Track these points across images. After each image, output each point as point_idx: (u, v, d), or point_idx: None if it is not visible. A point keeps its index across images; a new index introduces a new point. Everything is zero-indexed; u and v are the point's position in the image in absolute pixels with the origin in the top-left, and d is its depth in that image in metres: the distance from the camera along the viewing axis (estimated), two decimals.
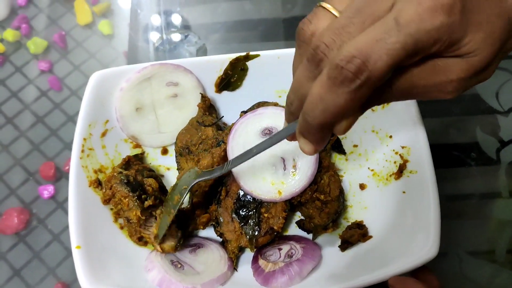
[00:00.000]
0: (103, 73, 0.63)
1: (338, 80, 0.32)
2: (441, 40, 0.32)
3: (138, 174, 0.62)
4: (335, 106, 0.33)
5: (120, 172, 0.61)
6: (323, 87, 0.33)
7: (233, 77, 0.67)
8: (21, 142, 0.79)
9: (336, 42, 0.33)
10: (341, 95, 0.32)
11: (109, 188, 0.60)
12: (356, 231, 0.58)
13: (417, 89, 0.35)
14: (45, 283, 0.68)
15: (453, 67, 0.34)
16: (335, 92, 0.32)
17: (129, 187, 0.59)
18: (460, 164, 0.72)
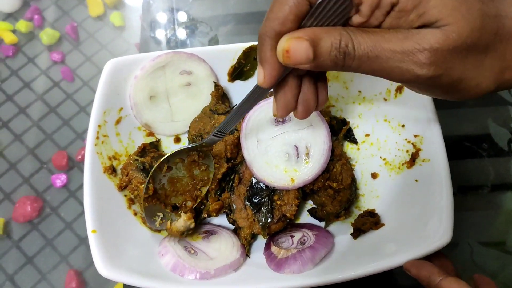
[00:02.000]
0: (118, 61, 0.64)
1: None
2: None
3: (153, 161, 0.62)
4: (276, 11, 0.35)
5: (136, 159, 0.62)
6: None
7: (246, 66, 0.68)
8: (33, 131, 0.79)
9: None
10: (282, 1, 0.35)
11: (125, 175, 0.61)
12: (368, 219, 0.58)
13: (384, 53, 0.34)
14: (58, 270, 0.69)
15: (427, 35, 0.34)
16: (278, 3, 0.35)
17: (145, 173, 0.60)
18: (472, 155, 0.72)
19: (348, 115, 0.68)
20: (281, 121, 0.59)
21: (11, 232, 0.72)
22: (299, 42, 0.34)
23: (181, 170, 0.60)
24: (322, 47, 0.35)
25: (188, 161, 0.60)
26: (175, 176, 0.60)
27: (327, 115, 0.65)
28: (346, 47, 0.35)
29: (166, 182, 0.60)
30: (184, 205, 0.61)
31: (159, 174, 0.59)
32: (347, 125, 0.66)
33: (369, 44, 0.35)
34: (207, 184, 0.60)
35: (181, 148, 0.58)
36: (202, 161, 0.59)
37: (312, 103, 0.42)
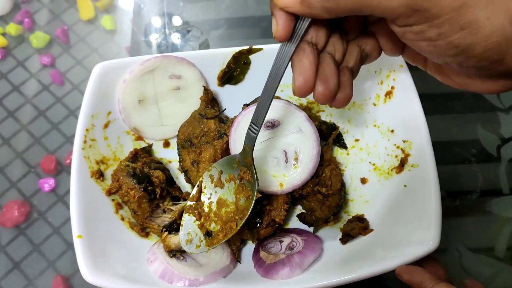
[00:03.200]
0: (106, 64, 0.63)
1: None
2: None
3: (145, 166, 0.62)
4: None
5: (127, 165, 0.61)
6: None
7: (236, 71, 0.67)
8: (22, 135, 0.79)
9: None
10: None
11: (116, 180, 0.60)
12: (357, 224, 0.58)
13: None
14: (45, 276, 0.68)
15: None
16: None
17: (136, 179, 0.60)
18: (461, 161, 0.72)
19: (337, 120, 0.68)
20: (270, 125, 0.59)
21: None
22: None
23: (231, 192, 0.55)
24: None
25: (238, 182, 0.55)
26: (224, 198, 0.55)
27: (317, 120, 0.65)
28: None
29: (215, 202, 0.56)
30: (217, 236, 0.55)
31: (210, 185, 0.56)
32: (337, 130, 0.66)
33: None
34: (243, 218, 0.54)
35: (229, 156, 0.56)
36: (248, 185, 0.54)
37: (332, 85, 0.40)
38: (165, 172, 0.63)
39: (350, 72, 0.43)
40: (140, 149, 0.65)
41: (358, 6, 0.35)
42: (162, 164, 0.65)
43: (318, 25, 0.40)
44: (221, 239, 0.54)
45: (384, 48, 0.45)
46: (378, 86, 0.64)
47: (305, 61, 0.40)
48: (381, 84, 0.63)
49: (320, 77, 0.40)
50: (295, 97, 0.69)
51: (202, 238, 0.54)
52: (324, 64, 0.41)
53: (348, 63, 0.44)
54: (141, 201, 0.59)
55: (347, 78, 0.43)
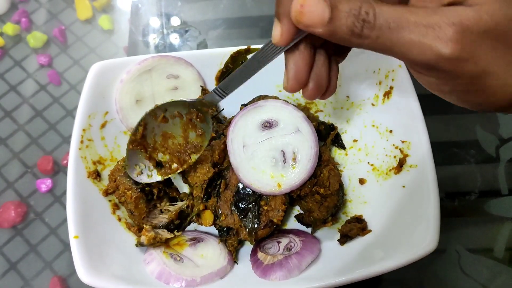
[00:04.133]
0: (104, 64, 0.63)
1: None
2: None
3: None
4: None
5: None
6: None
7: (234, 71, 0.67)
8: (19, 135, 0.78)
9: None
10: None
11: (113, 181, 0.60)
12: (355, 225, 0.58)
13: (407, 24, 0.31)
14: (42, 277, 0.68)
15: (458, 11, 0.31)
16: None
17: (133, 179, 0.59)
18: (460, 161, 0.72)
19: (336, 120, 0.68)
20: (268, 125, 0.59)
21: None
22: (316, 2, 0.32)
23: (177, 126, 0.57)
24: (340, 10, 0.32)
25: (186, 119, 0.57)
26: (169, 131, 0.57)
27: (315, 120, 0.65)
28: (367, 15, 0.32)
29: (158, 134, 0.57)
30: (169, 166, 0.58)
31: (153, 121, 0.57)
32: (335, 131, 0.66)
33: (392, 14, 0.32)
34: (198, 152, 0.57)
35: (180, 99, 0.56)
36: (200, 125, 0.56)
37: (324, 82, 0.40)
38: None
39: (337, 64, 0.43)
40: None
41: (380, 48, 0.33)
42: None
43: None
44: (175, 170, 0.57)
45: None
46: (377, 86, 0.64)
47: (300, 64, 0.39)
48: (380, 84, 0.63)
49: (314, 75, 0.40)
50: (293, 97, 0.69)
51: (152, 168, 0.57)
52: (319, 63, 0.40)
53: (337, 59, 0.43)
54: (138, 202, 0.59)
55: (334, 73, 0.43)
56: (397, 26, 0.32)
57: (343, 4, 0.32)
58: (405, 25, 0.32)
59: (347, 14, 0.32)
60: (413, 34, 0.31)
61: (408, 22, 0.32)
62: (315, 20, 0.32)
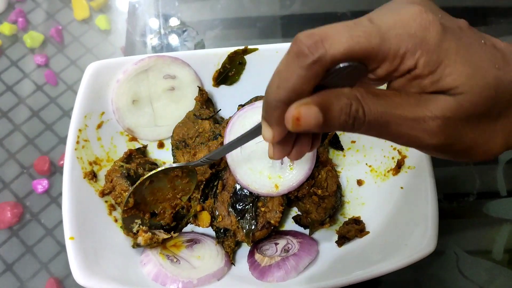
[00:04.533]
0: (100, 64, 0.63)
1: (294, 53, 0.32)
2: (411, 51, 0.32)
3: (140, 167, 0.61)
4: (287, 80, 0.32)
5: (121, 165, 0.61)
6: (282, 62, 0.33)
7: (231, 71, 0.67)
8: (15, 136, 0.78)
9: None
10: (294, 69, 0.32)
11: (109, 181, 0.60)
12: (353, 226, 0.58)
13: (394, 119, 0.33)
14: (38, 278, 0.67)
15: (440, 102, 0.33)
16: (290, 66, 0.32)
17: (129, 181, 0.59)
18: (458, 162, 0.72)
19: None
20: None
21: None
22: (308, 108, 0.33)
23: (163, 181, 0.59)
24: (332, 111, 0.33)
25: (171, 176, 0.59)
26: (156, 187, 0.59)
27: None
28: (356, 113, 0.33)
29: (146, 194, 0.59)
30: (163, 212, 0.60)
31: (141, 188, 0.58)
32: (332, 132, 0.66)
33: (379, 109, 0.33)
34: (188, 194, 0.59)
35: (165, 167, 0.57)
36: (183, 175, 0.59)
37: (306, 149, 0.42)
38: None
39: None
40: (134, 149, 0.65)
41: (370, 135, 0.35)
42: (156, 165, 0.65)
43: None
44: (170, 215, 0.60)
45: None
46: None
47: (286, 146, 0.40)
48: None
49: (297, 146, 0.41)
50: None
51: (147, 220, 0.59)
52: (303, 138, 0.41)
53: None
54: None
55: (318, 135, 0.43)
56: (385, 121, 0.33)
57: (334, 105, 0.33)
58: (392, 120, 0.33)
59: (338, 114, 0.33)
60: (400, 127, 0.33)
61: (395, 117, 0.33)
62: (311, 125, 0.33)
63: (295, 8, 0.88)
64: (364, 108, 0.33)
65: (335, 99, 0.33)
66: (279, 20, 0.87)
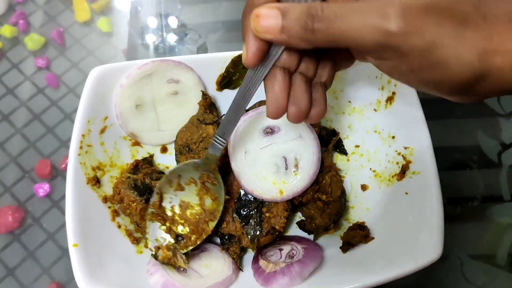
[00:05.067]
0: (103, 68, 0.62)
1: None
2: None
3: (147, 177, 0.61)
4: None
5: (128, 176, 0.60)
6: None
7: (235, 75, 0.67)
8: (16, 139, 0.77)
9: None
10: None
11: (117, 193, 0.59)
12: (357, 232, 0.57)
13: (352, 11, 0.34)
14: (39, 283, 0.67)
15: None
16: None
17: (137, 191, 0.59)
18: (462, 167, 0.72)
19: (337, 126, 0.68)
20: (270, 131, 0.58)
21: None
22: (269, 9, 0.36)
23: (193, 194, 0.58)
24: (291, 13, 0.36)
25: (200, 184, 0.57)
26: (186, 201, 0.58)
27: (317, 125, 0.64)
28: (315, 11, 0.35)
29: (177, 205, 0.58)
30: (189, 238, 0.57)
31: (169, 190, 0.57)
32: (337, 136, 0.65)
33: (337, 5, 0.35)
34: (215, 219, 0.57)
35: (189, 161, 0.56)
36: (213, 188, 0.57)
37: (304, 105, 0.41)
38: None
39: (323, 86, 0.44)
40: (141, 159, 0.64)
41: (333, 39, 0.35)
42: (164, 174, 0.64)
43: (290, 50, 0.41)
44: (195, 241, 0.56)
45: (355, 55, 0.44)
46: (379, 92, 0.63)
47: (276, 88, 0.41)
48: (382, 89, 0.63)
49: (292, 99, 0.41)
50: None
51: (173, 242, 0.56)
52: (296, 86, 0.42)
53: (321, 78, 0.44)
54: (143, 213, 0.58)
55: (320, 94, 0.43)
56: (342, 14, 0.34)
57: (293, 7, 0.36)
58: (349, 12, 0.34)
59: (297, 15, 0.36)
60: (358, 18, 0.34)
61: (352, 9, 0.34)
62: (270, 25, 0.36)
63: None
64: (322, 6, 0.35)
65: (296, 5, 0.36)
66: None
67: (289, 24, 0.36)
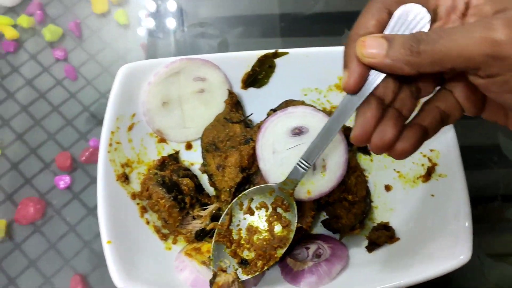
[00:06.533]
0: (132, 66, 0.62)
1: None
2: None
3: (174, 174, 0.61)
4: (363, 16, 0.40)
5: (156, 173, 0.61)
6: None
7: (261, 74, 0.67)
8: (36, 131, 0.77)
9: None
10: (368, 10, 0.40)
11: (145, 190, 0.60)
12: (383, 232, 0.58)
13: (457, 30, 0.35)
14: (62, 274, 0.68)
15: (504, 13, 0.34)
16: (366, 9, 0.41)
17: (165, 188, 0.59)
18: (482, 167, 0.72)
19: None
20: (298, 132, 0.59)
21: (13, 234, 0.70)
22: (375, 37, 0.38)
23: (262, 219, 0.57)
24: (397, 39, 0.37)
25: (272, 210, 0.56)
26: (254, 226, 0.56)
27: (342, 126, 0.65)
28: (420, 35, 0.36)
29: (244, 229, 0.56)
30: (255, 264, 0.55)
31: (238, 212, 0.57)
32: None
33: (442, 28, 0.37)
34: (284, 247, 0.54)
35: (264, 185, 0.56)
36: (284, 215, 0.56)
37: (388, 137, 0.41)
38: (193, 179, 0.63)
39: (422, 129, 0.43)
40: (167, 156, 0.65)
41: (438, 58, 0.35)
42: (190, 171, 0.65)
43: (387, 80, 0.41)
44: (261, 267, 0.55)
45: (464, 106, 0.44)
46: None
47: (368, 114, 0.41)
48: None
49: (378, 129, 0.41)
50: (318, 101, 0.69)
51: (237, 267, 0.55)
52: (386, 118, 0.41)
53: (422, 121, 0.43)
54: (172, 210, 0.59)
55: (413, 133, 0.42)
56: (447, 33, 0.35)
57: (399, 35, 0.37)
58: (454, 31, 0.35)
59: (403, 40, 0.36)
60: (463, 33, 0.34)
61: (457, 28, 0.35)
62: (376, 49, 0.37)
63: (320, 7, 0.87)
64: (427, 31, 0.36)
65: (401, 34, 0.38)
66: (304, 19, 0.86)
67: (395, 48, 0.36)
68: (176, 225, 0.60)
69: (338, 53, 0.63)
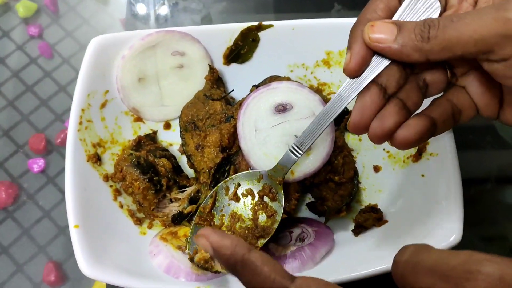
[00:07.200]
0: (104, 38, 0.59)
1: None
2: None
3: (150, 154, 0.58)
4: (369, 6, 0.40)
5: (131, 153, 0.58)
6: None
7: (243, 49, 0.64)
8: (8, 112, 0.74)
9: None
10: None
11: (119, 171, 0.57)
12: (370, 215, 0.56)
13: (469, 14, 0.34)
14: (35, 262, 0.65)
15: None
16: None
17: (140, 169, 0.56)
18: (476, 148, 0.70)
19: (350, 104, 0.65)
20: (282, 109, 0.55)
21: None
22: (385, 22, 0.37)
23: (247, 208, 0.54)
24: (407, 24, 0.36)
25: (258, 198, 0.54)
26: (238, 213, 0.54)
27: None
28: (431, 21, 0.35)
29: (227, 215, 0.54)
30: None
31: (223, 197, 0.54)
32: (349, 114, 0.63)
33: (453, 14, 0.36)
34: (266, 236, 0.52)
35: (253, 171, 0.54)
36: (271, 204, 0.53)
37: (388, 124, 0.38)
38: (171, 160, 0.60)
39: (429, 120, 0.40)
40: (144, 136, 0.62)
41: (449, 44, 0.34)
42: (168, 152, 0.62)
43: (391, 68, 0.38)
44: None
45: (478, 104, 0.41)
46: None
47: (367, 99, 0.39)
48: None
49: (378, 115, 0.39)
50: (305, 78, 0.66)
51: None
52: (389, 106, 0.39)
53: (431, 112, 0.40)
54: (147, 193, 0.56)
55: (418, 122, 0.39)
56: (458, 18, 0.34)
57: (409, 22, 0.37)
58: (465, 15, 0.34)
59: (413, 25, 0.36)
60: (475, 16, 0.33)
61: (468, 13, 0.34)
62: (385, 34, 0.36)
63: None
64: (438, 18, 0.35)
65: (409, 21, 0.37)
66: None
67: (404, 34, 0.36)
68: (152, 208, 0.57)
69: (326, 26, 0.62)
